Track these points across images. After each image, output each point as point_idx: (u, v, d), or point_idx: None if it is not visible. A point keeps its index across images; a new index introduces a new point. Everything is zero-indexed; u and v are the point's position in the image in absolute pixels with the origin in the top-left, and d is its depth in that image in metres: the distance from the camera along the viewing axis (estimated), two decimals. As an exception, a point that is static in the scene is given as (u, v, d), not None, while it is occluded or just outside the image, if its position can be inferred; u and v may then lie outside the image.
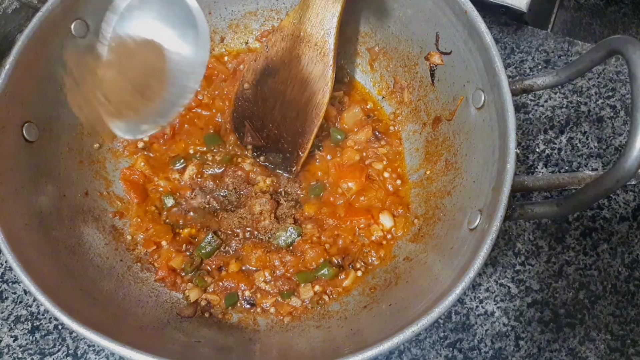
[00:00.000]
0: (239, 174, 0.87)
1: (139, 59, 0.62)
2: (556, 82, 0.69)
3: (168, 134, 0.89)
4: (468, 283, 0.60)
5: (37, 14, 0.73)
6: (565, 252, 0.85)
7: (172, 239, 0.84)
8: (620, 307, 0.82)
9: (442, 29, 0.77)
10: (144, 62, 0.62)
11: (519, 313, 0.82)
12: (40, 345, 0.82)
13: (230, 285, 0.81)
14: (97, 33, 0.66)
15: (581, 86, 0.95)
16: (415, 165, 0.87)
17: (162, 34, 0.63)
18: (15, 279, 0.86)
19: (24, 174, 0.73)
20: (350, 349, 0.60)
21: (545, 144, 0.92)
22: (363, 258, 0.83)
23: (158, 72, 0.62)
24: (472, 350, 0.80)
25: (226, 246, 0.84)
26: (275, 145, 0.88)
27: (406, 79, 0.88)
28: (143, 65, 0.62)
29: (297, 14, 0.84)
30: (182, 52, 0.62)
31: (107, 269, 0.78)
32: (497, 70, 0.66)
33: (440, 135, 0.83)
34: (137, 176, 0.87)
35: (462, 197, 0.75)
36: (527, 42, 0.99)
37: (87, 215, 0.82)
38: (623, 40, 0.58)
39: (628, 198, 0.88)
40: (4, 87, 0.69)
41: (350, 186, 0.86)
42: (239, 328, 0.78)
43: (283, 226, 0.84)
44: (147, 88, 0.61)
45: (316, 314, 0.79)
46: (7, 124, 0.71)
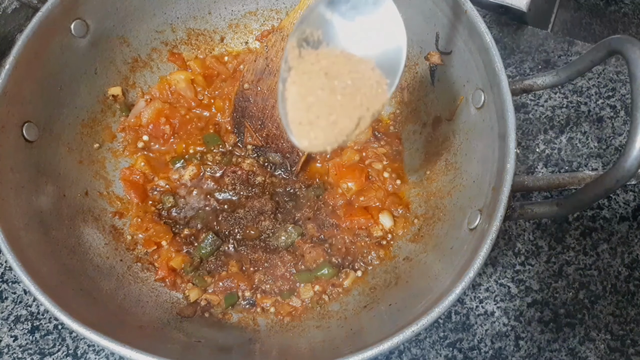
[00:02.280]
0: (238, 174, 0.87)
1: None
2: (556, 82, 0.69)
3: (168, 133, 0.89)
4: (468, 283, 0.60)
5: (37, 14, 0.73)
6: (565, 252, 0.85)
7: (172, 239, 0.84)
8: (620, 307, 0.82)
9: (442, 29, 0.77)
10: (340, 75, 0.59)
11: (519, 313, 0.82)
12: (40, 345, 0.82)
13: (230, 285, 0.81)
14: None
15: (581, 86, 0.95)
16: (415, 165, 0.87)
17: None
18: (15, 279, 0.86)
19: (24, 174, 0.73)
20: (350, 349, 0.60)
21: (545, 144, 0.92)
22: (363, 258, 0.83)
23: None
24: (472, 350, 0.80)
25: (226, 246, 0.84)
26: (275, 146, 0.88)
27: (406, 79, 0.88)
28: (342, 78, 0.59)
29: (297, 14, 0.84)
30: (372, 54, 0.59)
31: (107, 268, 0.78)
32: (497, 70, 0.66)
33: (440, 135, 0.83)
34: (137, 176, 0.87)
35: (462, 197, 0.75)
36: (527, 42, 0.99)
37: (87, 215, 0.82)
38: (623, 40, 0.58)
39: (628, 198, 0.88)
40: (4, 87, 0.69)
41: (350, 186, 0.86)
42: (239, 328, 0.78)
43: (283, 226, 0.84)
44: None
45: (316, 314, 0.79)
46: (7, 124, 0.71)
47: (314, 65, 0.59)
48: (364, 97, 0.58)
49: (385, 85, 0.59)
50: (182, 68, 0.93)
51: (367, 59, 0.60)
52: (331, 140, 0.58)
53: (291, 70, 0.58)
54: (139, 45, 0.89)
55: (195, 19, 0.92)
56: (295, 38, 0.59)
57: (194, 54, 0.95)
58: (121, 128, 0.90)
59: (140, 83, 0.92)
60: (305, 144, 0.58)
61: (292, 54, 0.59)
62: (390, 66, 0.60)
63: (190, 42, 0.94)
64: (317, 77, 0.58)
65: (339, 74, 0.58)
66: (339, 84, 0.57)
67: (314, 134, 0.58)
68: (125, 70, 0.89)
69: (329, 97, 0.57)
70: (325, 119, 0.57)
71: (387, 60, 0.60)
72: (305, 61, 0.59)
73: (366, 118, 0.58)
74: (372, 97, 0.58)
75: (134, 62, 0.90)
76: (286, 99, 0.58)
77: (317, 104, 0.57)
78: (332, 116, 0.57)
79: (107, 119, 0.89)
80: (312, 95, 0.57)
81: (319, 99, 0.57)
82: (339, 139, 0.58)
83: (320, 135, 0.58)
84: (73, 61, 0.80)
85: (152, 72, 0.92)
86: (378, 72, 0.59)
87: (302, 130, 0.58)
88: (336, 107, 0.57)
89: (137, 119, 0.89)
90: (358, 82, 0.58)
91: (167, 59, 0.93)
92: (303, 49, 0.59)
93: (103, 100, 0.88)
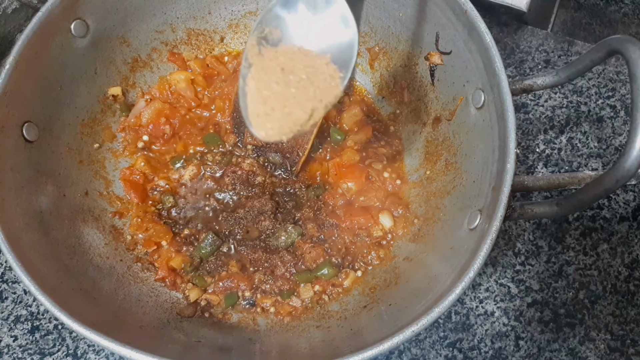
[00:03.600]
0: (238, 174, 0.87)
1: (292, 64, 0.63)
2: (556, 82, 0.69)
3: (168, 133, 0.89)
4: (468, 283, 0.60)
5: (37, 14, 0.73)
6: (565, 252, 0.85)
7: (172, 239, 0.84)
8: (620, 307, 0.82)
9: (442, 29, 0.77)
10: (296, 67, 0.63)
11: (519, 313, 0.82)
12: (40, 345, 0.82)
13: (230, 285, 0.81)
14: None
15: (581, 86, 0.95)
16: (415, 165, 0.87)
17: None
18: (15, 279, 0.86)
19: (24, 174, 0.73)
20: (350, 349, 0.60)
21: (545, 144, 0.92)
22: (363, 258, 0.83)
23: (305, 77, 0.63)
24: (472, 350, 0.80)
25: (226, 246, 0.84)
26: (275, 146, 0.88)
27: (406, 79, 0.88)
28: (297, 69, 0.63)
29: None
30: (327, 50, 0.64)
31: (107, 269, 0.78)
32: (497, 70, 0.66)
33: (440, 135, 0.83)
34: (137, 176, 0.87)
35: (462, 197, 0.75)
36: (527, 42, 0.99)
37: (87, 215, 0.82)
38: (623, 40, 0.58)
39: (628, 198, 0.88)
40: (4, 87, 0.69)
41: (350, 186, 0.86)
42: (239, 328, 0.78)
43: (283, 226, 0.84)
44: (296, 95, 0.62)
45: (316, 314, 0.79)
46: (7, 124, 0.71)
47: (272, 61, 0.63)
48: (318, 90, 0.62)
49: (339, 79, 0.64)
50: (182, 68, 0.93)
51: (323, 55, 0.64)
52: (286, 131, 0.62)
53: (251, 67, 0.63)
54: (139, 45, 0.89)
55: (195, 19, 0.92)
56: (255, 37, 0.63)
57: (194, 54, 0.94)
58: (121, 128, 0.90)
59: (140, 83, 0.92)
60: (262, 134, 0.62)
61: (252, 52, 0.63)
62: (344, 61, 0.64)
63: (190, 42, 0.94)
64: (273, 72, 0.62)
65: (295, 69, 0.62)
66: (293, 78, 0.62)
67: (270, 124, 0.62)
68: (125, 70, 0.89)
69: (284, 90, 0.61)
70: (280, 111, 0.61)
71: (341, 55, 0.64)
72: (264, 58, 0.63)
73: (319, 109, 0.62)
74: (326, 89, 0.63)
75: (134, 62, 0.90)
76: (246, 93, 0.62)
77: (272, 97, 0.62)
78: (287, 108, 0.61)
79: (107, 119, 0.89)
80: (268, 89, 0.62)
81: (274, 93, 0.62)
82: (294, 129, 0.62)
83: (276, 125, 0.62)
84: (73, 61, 0.80)
85: (152, 72, 0.92)
86: (333, 67, 0.64)
87: (260, 121, 0.62)
88: (290, 100, 0.61)
89: (137, 119, 0.89)
90: (313, 76, 0.62)
91: (167, 59, 0.93)
92: (262, 47, 0.64)
93: (103, 100, 0.88)
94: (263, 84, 0.62)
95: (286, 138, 0.62)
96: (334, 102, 0.63)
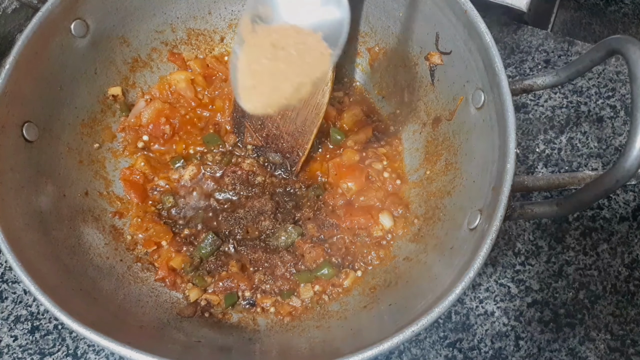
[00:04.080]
0: (238, 174, 0.87)
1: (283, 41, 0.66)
2: (556, 82, 0.69)
3: (168, 133, 0.89)
4: (468, 283, 0.60)
5: (37, 14, 0.73)
6: (565, 252, 0.85)
7: (172, 239, 0.84)
8: (620, 307, 0.82)
9: (442, 29, 0.77)
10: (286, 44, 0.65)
11: (519, 313, 0.82)
12: (40, 345, 0.82)
13: (230, 285, 0.81)
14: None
15: (581, 86, 0.95)
16: (415, 165, 0.87)
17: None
18: (15, 279, 0.86)
19: (24, 174, 0.73)
20: (350, 349, 0.60)
21: (545, 144, 0.92)
22: (363, 258, 0.83)
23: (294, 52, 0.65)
24: (472, 350, 0.80)
25: (226, 246, 0.84)
26: (275, 146, 0.88)
27: (406, 79, 0.88)
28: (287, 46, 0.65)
29: (297, 14, 0.84)
30: (319, 27, 0.66)
31: (107, 269, 0.78)
32: (497, 70, 0.66)
33: (440, 135, 0.83)
34: (137, 176, 0.87)
35: (462, 197, 0.75)
36: (527, 42, 0.99)
37: (87, 215, 0.82)
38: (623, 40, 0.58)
39: (628, 198, 0.88)
40: (4, 87, 0.69)
41: (350, 186, 0.86)
42: (239, 328, 0.78)
43: (283, 226, 0.84)
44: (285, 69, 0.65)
45: (316, 314, 0.79)
46: (7, 124, 0.71)
47: (264, 38, 0.65)
48: (307, 66, 0.64)
49: (329, 56, 0.65)
50: (182, 68, 0.93)
51: (315, 32, 0.66)
52: (272, 104, 0.64)
53: (244, 43, 0.65)
54: (139, 45, 0.89)
55: (195, 19, 0.92)
56: (249, 15, 0.65)
57: (194, 54, 0.94)
58: (121, 128, 0.90)
59: (140, 83, 0.92)
60: (249, 107, 0.65)
61: (245, 29, 0.65)
62: (335, 38, 0.65)
63: (190, 42, 0.94)
64: (264, 49, 0.64)
65: (286, 45, 0.64)
66: (283, 54, 0.64)
67: (257, 97, 0.64)
68: (125, 70, 0.89)
69: (273, 65, 0.64)
70: (268, 85, 0.64)
71: (332, 33, 0.66)
72: (257, 35, 0.65)
73: (306, 84, 0.64)
74: (315, 66, 0.65)
75: (134, 62, 0.90)
76: (236, 67, 0.65)
77: (261, 71, 0.64)
78: (274, 82, 0.64)
79: (107, 119, 0.89)
80: (258, 63, 0.64)
81: (263, 67, 0.64)
82: (280, 102, 0.64)
83: (263, 99, 0.64)
84: (73, 61, 0.80)
85: (152, 72, 0.92)
86: (324, 44, 0.65)
87: (247, 94, 0.64)
88: (278, 75, 0.64)
89: (137, 119, 0.89)
90: (303, 52, 0.64)
91: (167, 59, 0.93)
92: (256, 24, 0.66)
93: (103, 100, 0.88)
94: (253, 59, 0.64)
95: (272, 111, 0.65)
96: (322, 77, 0.65)
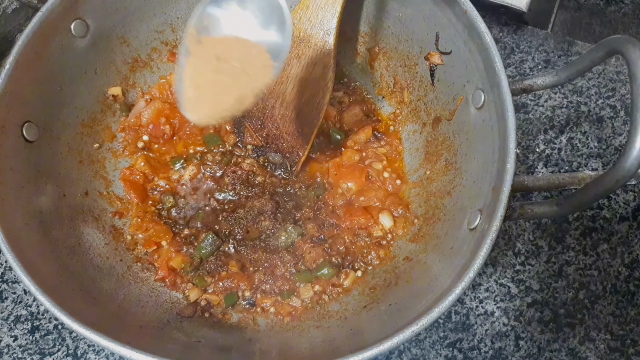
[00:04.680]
0: (238, 174, 0.87)
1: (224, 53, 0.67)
2: (556, 82, 0.69)
3: (168, 133, 0.89)
4: (468, 283, 0.60)
5: (37, 14, 0.73)
6: (565, 252, 0.85)
7: (172, 239, 0.84)
8: (620, 307, 0.82)
9: (442, 29, 0.77)
10: (228, 57, 0.67)
11: (519, 313, 0.82)
12: (40, 345, 0.82)
13: (230, 285, 0.81)
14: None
15: (581, 86, 0.95)
16: (415, 165, 0.87)
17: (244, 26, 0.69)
18: (15, 279, 0.86)
19: (24, 174, 0.73)
20: (350, 349, 0.60)
21: (545, 144, 0.92)
22: (363, 258, 0.83)
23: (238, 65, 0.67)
24: (472, 350, 0.80)
25: (226, 246, 0.84)
26: (275, 146, 0.88)
27: (406, 79, 0.88)
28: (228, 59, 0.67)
29: (297, 15, 0.84)
30: (264, 40, 0.68)
31: (107, 269, 0.78)
32: (497, 70, 0.66)
33: (440, 135, 0.83)
34: (137, 176, 0.87)
35: (462, 197, 0.75)
36: (527, 42, 0.99)
37: (87, 215, 0.82)
38: (623, 40, 0.58)
39: (628, 198, 0.88)
40: (4, 87, 0.69)
41: (350, 186, 0.86)
42: (239, 328, 0.78)
43: (283, 226, 0.84)
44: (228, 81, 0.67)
45: (316, 314, 0.79)
46: (7, 124, 0.71)
47: (209, 50, 0.67)
48: (249, 78, 0.66)
49: (272, 68, 0.67)
50: (182, 68, 0.93)
51: (260, 44, 0.67)
52: (214, 115, 0.66)
53: (189, 55, 0.66)
54: (139, 45, 0.89)
55: (195, 19, 0.92)
56: (195, 26, 0.67)
57: (194, 54, 0.94)
58: (121, 128, 0.90)
59: (140, 83, 0.92)
60: (194, 118, 0.66)
61: (192, 40, 0.67)
62: (278, 50, 0.67)
63: (190, 42, 0.94)
64: (209, 61, 0.66)
65: (230, 57, 0.66)
66: (227, 67, 0.66)
67: (199, 108, 0.66)
68: (125, 70, 0.89)
69: (216, 78, 0.66)
70: (210, 97, 0.66)
71: (276, 45, 0.67)
72: (203, 46, 0.67)
73: (248, 96, 0.65)
74: (257, 77, 0.66)
75: (134, 62, 0.90)
76: (181, 78, 0.66)
77: (204, 84, 0.66)
78: (217, 95, 0.66)
79: (107, 119, 0.89)
80: (202, 76, 0.66)
81: (206, 80, 0.66)
82: (223, 114, 0.66)
83: (205, 110, 0.66)
84: (73, 61, 0.80)
85: (152, 72, 0.92)
86: (267, 56, 0.67)
87: (192, 105, 0.66)
88: (221, 87, 0.66)
89: (137, 119, 0.89)
90: (246, 64, 0.66)
91: (167, 59, 0.93)
92: (202, 36, 0.67)
93: (103, 100, 0.88)
94: (198, 72, 0.66)
95: (216, 122, 0.67)
96: (264, 89, 0.67)
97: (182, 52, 0.66)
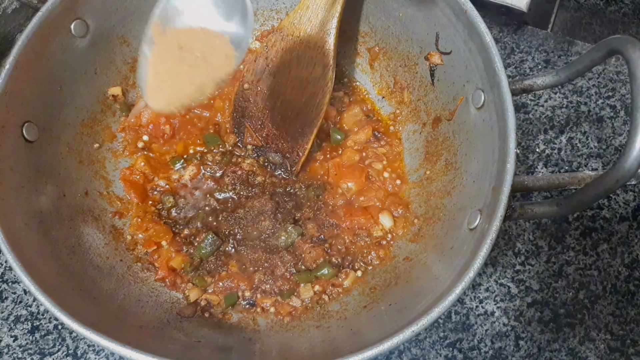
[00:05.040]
0: (238, 174, 0.87)
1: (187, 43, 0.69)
2: (556, 82, 0.69)
3: (168, 133, 0.89)
4: (468, 283, 0.60)
5: (37, 14, 0.73)
6: (565, 252, 0.85)
7: (172, 239, 0.84)
8: (620, 307, 0.82)
9: (442, 29, 0.77)
10: (191, 47, 0.68)
11: (519, 313, 0.82)
12: (40, 345, 0.82)
13: (230, 285, 0.81)
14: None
15: (581, 86, 0.95)
16: (415, 165, 0.87)
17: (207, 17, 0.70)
18: (15, 279, 0.86)
19: (24, 174, 0.73)
20: (350, 349, 0.60)
21: (545, 144, 0.92)
22: (363, 258, 0.83)
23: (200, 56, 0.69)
24: (472, 350, 0.80)
25: (226, 246, 0.84)
26: (275, 146, 0.88)
27: (406, 79, 0.88)
28: (190, 49, 0.69)
29: (297, 15, 0.84)
30: (227, 31, 0.69)
31: (107, 269, 0.78)
32: (497, 70, 0.66)
33: (440, 135, 0.83)
34: (137, 176, 0.87)
35: (462, 197, 0.75)
36: (527, 42, 0.99)
37: (87, 215, 0.82)
38: (623, 40, 0.58)
39: (628, 198, 0.88)
40: (4, 87, 0.70)
41: (350, 186, 0.86)
42: (239, 328, 0.78)
43: (283, 226, 0.84)
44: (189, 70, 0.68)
45: (316, 314, 0.79)
46: (7, 124, 0.71)
47: (172, 40, 0.68)
48: (211, 68, 0.67)
49: (234, 58, 0.68)
50: (182, 68, 0.93)
51: (223, 35, 0.69)
52: (175, 103, 0.67)
53: (153, 44, 0.68)
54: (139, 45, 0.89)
55: (195, 19, 0.92)
56: (159, 16, 0.68)
57: (194, 54, 0.94)
58: (121, 128, 0.90)
59: (140, 83, 0.92)
60: (154, 104, 0.68)
61: (156, 29, 0.68)
62: (240, 42, 0.68)
63: (190, 42, 0.94)
64: (172, 51, 0.68)
65: (193, 47, 0.67)
66: (189, 56, 0.67)
67: (160, 96, 0.68)
68: (125, 70, 0.89)
69: (178, 67, 0.67)
70: (171, 85, 0.67)
71: (238, 36, 0.69)
72: (166, 37, 0.68)
73: (209, 85, 0.67)
74: (219, 67, 0.68)
75: (134, 62, 0.90)
76: (144, 67, 0.68)
77: (166, 72, 0.67)
78: (177, 83, 0.67)
79: (107, 119, 0.89)
80: (164, 65, 0.67)
81: (168, 69, 0.67)
82: (183, 101, 0.67)
83: (166, 97, 0.68)
84: (73, 61, 0.80)
85: (152, 72, 0.92)
86: (230, 47, 0.68)
87: (152, 93, 0.68)
88: (181, 76, 0.67)
89: (137, 119, 0.89)
90: (208, 54, 0.68)
91: (167, 59, 0.93)
92: (166, 25, 0.68)
93: (103, 100, 0.88)
94: (160, 60, 0.68)
95: (176, 110, 0.68)
96: (225, 79, 0.68)
97: (145, 41, 0.68)
